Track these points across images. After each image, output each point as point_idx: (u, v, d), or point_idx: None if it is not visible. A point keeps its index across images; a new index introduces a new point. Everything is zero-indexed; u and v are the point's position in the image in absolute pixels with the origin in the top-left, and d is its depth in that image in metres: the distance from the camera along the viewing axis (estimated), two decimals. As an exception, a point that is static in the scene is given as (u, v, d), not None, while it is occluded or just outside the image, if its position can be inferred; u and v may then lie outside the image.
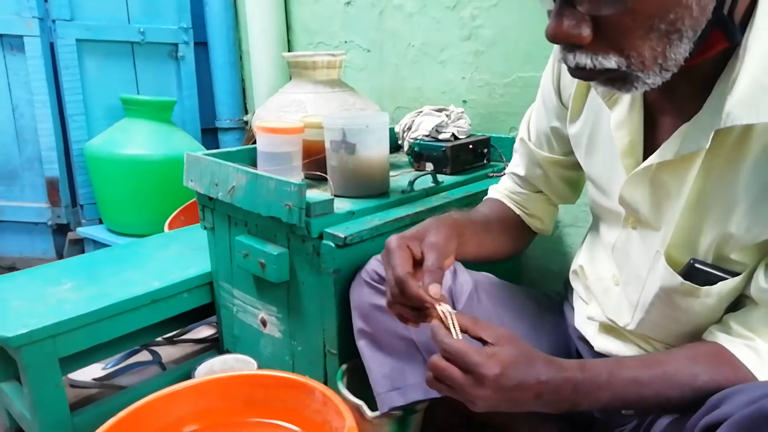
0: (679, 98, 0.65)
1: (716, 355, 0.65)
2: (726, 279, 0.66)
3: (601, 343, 0.84)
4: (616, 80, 0.58)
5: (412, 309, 0.70)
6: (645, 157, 0.70)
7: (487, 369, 0.61)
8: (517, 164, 0.99)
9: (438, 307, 0.67)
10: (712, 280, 0.66)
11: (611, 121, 0.72)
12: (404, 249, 0.72)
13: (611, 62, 0.55)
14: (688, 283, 0.67)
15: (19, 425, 1.13)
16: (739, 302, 0.70)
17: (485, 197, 1.03)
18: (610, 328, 0.83)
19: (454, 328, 0.66)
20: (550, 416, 0.93)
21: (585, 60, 0.56)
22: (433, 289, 0.67)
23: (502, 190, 1.00)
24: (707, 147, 0.61)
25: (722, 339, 0.66)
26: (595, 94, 0.76)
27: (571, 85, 0.82)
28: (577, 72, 0.59)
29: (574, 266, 0.93)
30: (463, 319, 0.68)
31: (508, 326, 0.95)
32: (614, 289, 0.80)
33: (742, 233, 0.63)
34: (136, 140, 1.88)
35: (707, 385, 0.63)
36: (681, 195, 0.66)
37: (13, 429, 1.16)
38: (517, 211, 0.97)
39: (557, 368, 0.64)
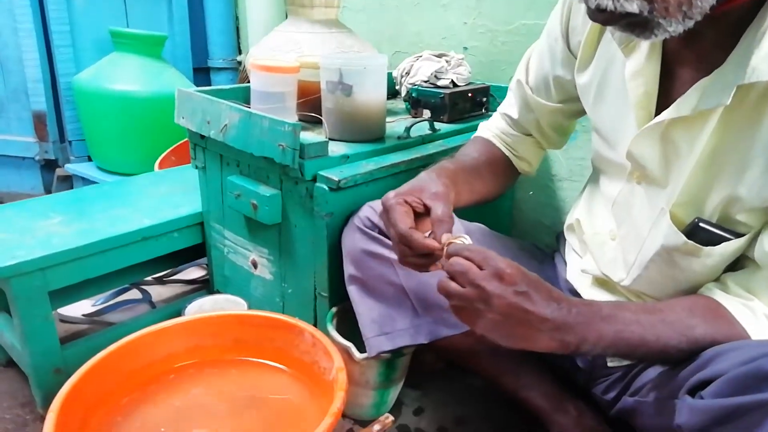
0: (702, 48, 0.62)
1: (713, 309, 0.65)
2: (729, 240, 0.65)
3: (593, 296, 0.84)
4: (636, 26, 0.56)
5: (425, 256, 0.69)
6: (658, 110, 0.68)
7: (504, 265, 0.60)
8: (511, 105, 0.98)
9: (451, 244, 0.66)
10: (715, 241, 0.66)
11: (626, 70, 0.69)
12: (403, 205, 0.72)
13: (633, 6, 0.53)
14: (691, 242, 0.66)
15: (10, 356, 1.14)
16: (737, 263, 0.69)
17: (474, 135, 1.03)
18: (602, 282, 0.83)
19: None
20: (534, 365, 0.95)
21: (606, 1, 0.54)
22: (446, 238, 0.67)
23: (493, 129, 0.99)
24: (728, 103, 0.58)
25: (719, 296, 0.66)
26: (608, 40, 0.74)
27: (581, 30, 0.79)
28: (597, 14, 0.56)
29: (570, 219, 0.93)
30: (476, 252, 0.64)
31: None
32: (610, 243, 0.80)
33: (752, 195, 0.62)
34: (126, 75, 1.83)
35: (703, 337, 0.63)
36: (693, 152, 0.64)
37: (5, 360, 1.17)
38: (506, 153, 0.97)
39: (561, 294, 0.63)
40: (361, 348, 0.93)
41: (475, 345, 0.93)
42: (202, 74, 2.37)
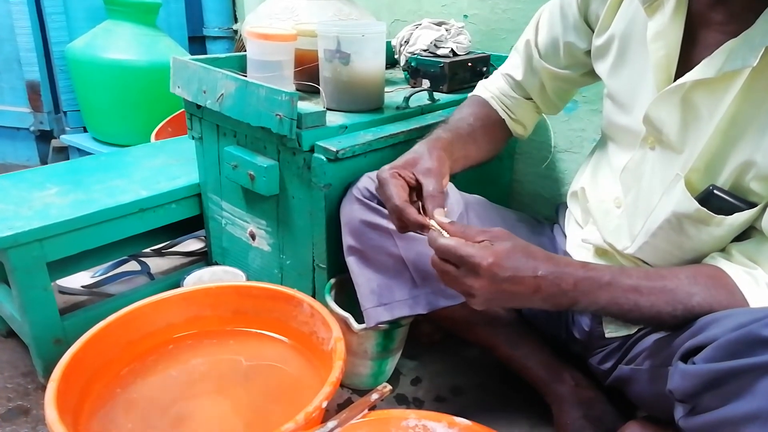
0: (730, 9, 0.60)
1: (714, 277, 0.65)
2: (742, 210, 0.64)
3: None
4: None
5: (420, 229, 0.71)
6: (678, 74, 0.66)
7: (479, 258, 0.61)
8: (515, 66, 0.96)
9: (433, 222, 0.68)
10: (726, 209, 0.65)
11: (648, 31, 0.67)
12: (397, 178, 0.73)
13: None
14: (704, 209, 0.65)
15: (10, 327, 1.15)
16: (743, 235, 0.69)
17: (471, 94, 1.02)
18: (604, 252, 0.83)
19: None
20: (531, 335, 0.96)
21: None
22: (438, 214, 0.68)
23: (492, 89, 0.98)
24: (755, 64, 0.57)
25: (723, 264, 0.66)
26: (629, 1, 0.72)
27: None
28: None
29: (574, 187, 0.92)
30: (458, 227, 0.67)
31: None
32: (615, 211, 0.80)
33: None
34: (120, 44, 1.79)
35: (700, 305, 0.63)
36: (713, 117, 0.63)
37: (5, 331, 1.18)
38: (503, 115, 0.97)
39: (557, 262, 0.64)
40: (359, 319, 0.93)
41: (472, 316, 0.94)
42: (197, 43, 2.33)
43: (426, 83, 1.25)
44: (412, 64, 1.28)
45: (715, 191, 0.65)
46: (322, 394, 0.74)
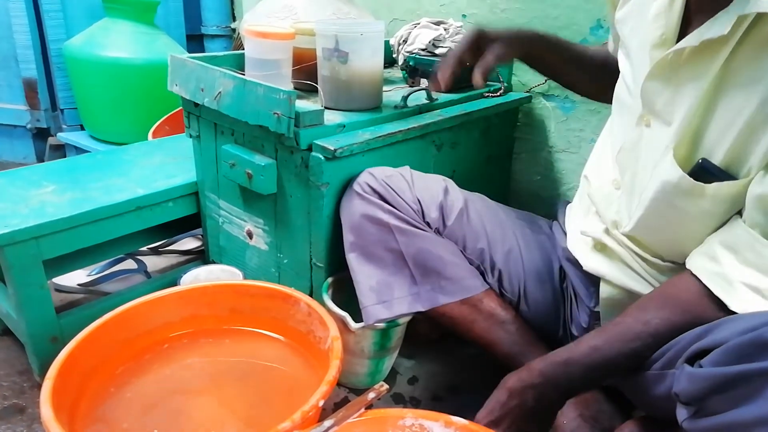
0: None
1: (665, 296, 0.69)
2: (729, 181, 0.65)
3: (591, 262, 0.85)
4: None
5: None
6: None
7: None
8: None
9: None
10: (714, 182, 0.66)
11: (651, 10, 0.71)
12: (474, 38, 0.86)
13: None
14: (688, 177, 0.67)
15: (6, 325, 1.14)
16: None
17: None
18: (602, 246, 0.83)
19: None
20: (529, 335, 0.96)
21: None
22: (476, 77, 0.84)
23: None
24: (726, 33, 0.60)
25: (696, 266, 0.68)
26: None
27: None
28: None
29: (584, 172, 0.93)
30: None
31: (498, 242, 0.96)
32: (615, 193, 0.81)
33: (750, 130, 0.62)
34: (118, 42, 1.79)
35: (661, 326, 0.67)
36: (698, 86, 0.65)
37: (1, 329, 1.17)
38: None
39: (521, 377, 0.75)
40: (357, 318, 0.93)
41: (470, 314, 0.94)
42: (195, 42, 2.33)
43: (424, 82, 1.25)
44: (411, 64, 1.28)
45: (704, 165, 0.67)
46: (319, 393, 0.74)
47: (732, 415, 0.52)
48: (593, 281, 0.87)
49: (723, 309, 0.63)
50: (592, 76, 0.97)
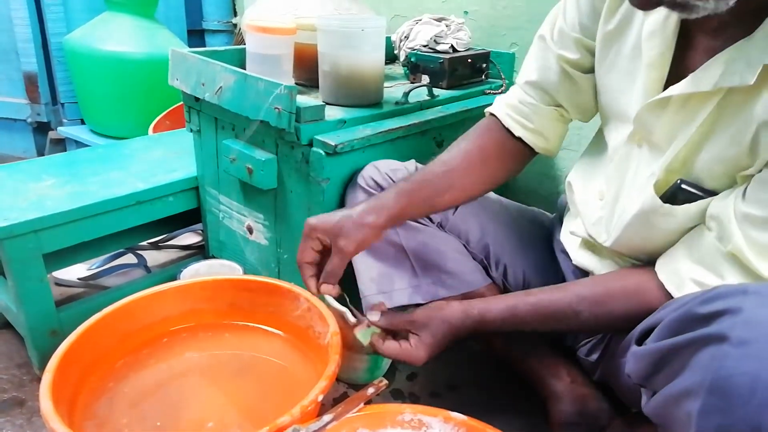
0: (725, 17, 0.58)
1: (600, 296, 0.71)
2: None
3: (580, 257, 0.85)
4: (676, 6, 0.54)
5: None
6: (671, 73, 0.66)
7: (415, 358, 0.76)
8: (530, 70, 0.87)
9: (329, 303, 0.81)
10: (692, 201, 0.65)
11: (644, 28, 0.67)
12: (314, 239, 0.77)
13: None
14: (667, 205, 0.66)
15: (6, 319, 1.14)
16: None
17: (486, 113, 0.93)
18: (590, 244, 0.83)
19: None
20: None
21: None
22: (324, 288, 0.78)
23: (511, 101, 0.89)
24: (752, 83, 0.56)
25: (658, 269, 0.69)
26: None
27: None
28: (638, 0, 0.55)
29: (568, 179, 0.92)
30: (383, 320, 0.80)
31: (501, 236, 0.96)
32: (597, 203, 0.80)
33: (740, 158, 0.61)
34: (119, 36, 1.78)
35: (589, 320, 0.72)
36: (696, 121, 0.63)
37: (1, 322, 1.17)
38: (518, 131, 0.87)
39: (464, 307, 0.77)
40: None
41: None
42: (196, 36, 2.32)
43: (425, 79, 1.25)
44: (412, 60, 1.27)
45: (682, 185, 0.66)
46: (318, 388, 0.74)
47: (668, 390, 0.53)
48: (584, 273, 0.87)
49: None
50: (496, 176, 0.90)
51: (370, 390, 0.78)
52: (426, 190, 0.81)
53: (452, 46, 1.27)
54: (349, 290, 0.94)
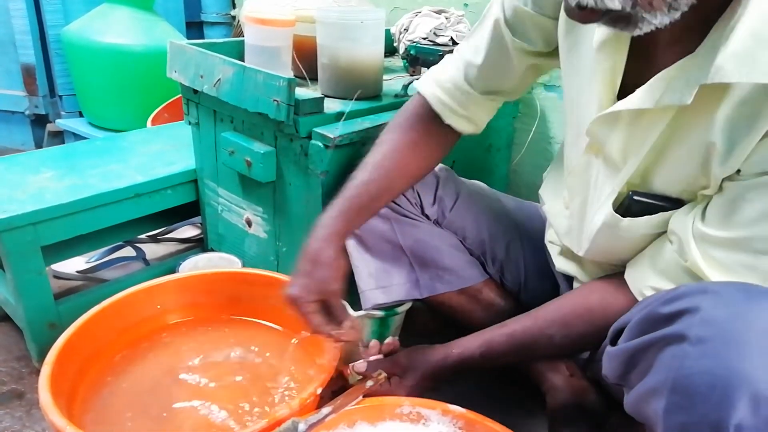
0: (676, 30, 0.56)
1: (574, 312, 0.73)
2: (666, 209, 0.64)
3: (561, 264, 0.85)
4: (619, 20, 0.51)
5: None
6: (624, 85, 0.64)
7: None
8: (476, 49, 0.81)
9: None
10: (651, 211, 0.65)
11: (594, 38, 0.64)
12: (311, 304, 0.75)
13: (615, 2, 0.48)
14: (627, 219, 0.66)
15: (5, 311, 1.14)
16: None
17: (414, 92, 0.88)
18: (569, 252, 0.83)
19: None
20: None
21: None
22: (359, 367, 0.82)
23: (444, 83, 0.83)
24: (689, 103, 0.55)
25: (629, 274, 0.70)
26: None
27: None
28: (576, 11, 0.51)
29: (539, 191, 0.91)
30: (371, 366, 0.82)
31: (498, 233, 0.96)
32: (565, 212, 0.79)
33: (698, 174, 0.60)
34: (117, 28, 1.77)
35: (563, 342, 0.73)
36: (650, 137, 0.62)
37: (0, 315, 1.18)
38: (449, 118, 0.84)
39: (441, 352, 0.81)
40: (356, 307, 0.93)
41: (469, 303, 0.94)
42: (194, 29, 2.31)
43: (425, 71, 1.25)
44: (411, 52, 1.27)
45: (634, 197, 0.66)
46: (316, 381, 0.74)
47: (638, 388, 0.53)
48: (570, 277, 0.87)
49: None
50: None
51: (369, 383, 0.79)
52: (364, 199, 0.81)
53: (452, 38, 1.26)
54: (348, 287, 0.94)
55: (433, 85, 0.84)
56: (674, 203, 0.64)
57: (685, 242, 0.60)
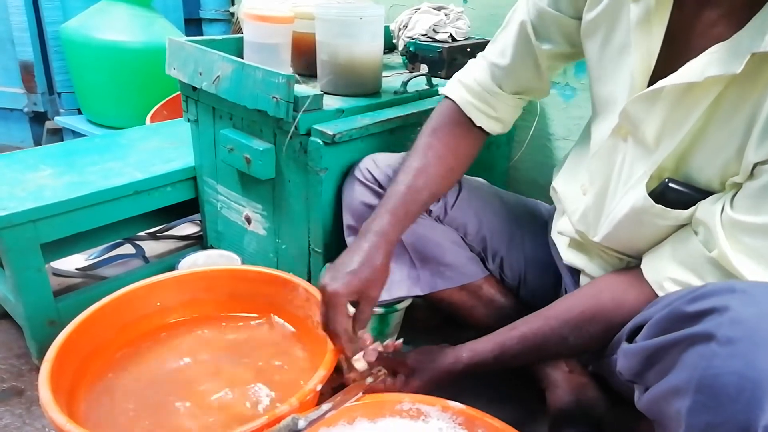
0: (714, 16, 0.57)
1: (590, 313, 0.72)
2: (698, 200, 0.63)
3: (569, 257, 0.84)
4: None
5: None
6: (659, 67, 0.64)
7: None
8: (501, 52, 0.83)
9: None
10: (683, 201, 0.64)
11: (632, 15, 0.64)
12: (342, 305, 0.73)
13: None
14: (660, 206, 0.65)
15: (4, 309, 1.14)
16: None
17: (442, 99, 0.90)
18: (578, 244, 0.82)
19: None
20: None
21: None
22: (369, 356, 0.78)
23: (472, 86, 0.85)
24: (738, 72, 0.54)
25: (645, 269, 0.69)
26: None
27: None
28: None
29: (552, 184, 0.91)
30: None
31: (499, 229, 0.96)
32: (581, 198, 0.78)
33: (738, 159, 0.59)
34: (115, 25, 1.77)
35: (576, 342, 0.72)
36: (690, 118, 0.61)
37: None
38: (480, 120, 0.86)
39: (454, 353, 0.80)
40: (355, 303, 0.93)
41: (470, 299, 0.94)
42: (193, 26, 2.31)
43: (424, 68, 1.25)
44: (411, 49, 1.27)
45: (670, 184, 0.64)
46: (316, 378, 0.74)
47: (658, 387, 0.53)
48: (576, 271, 0.87)
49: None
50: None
51: (369, 379, 0.79)
52: (412, 206, 0.81)
53: (451, 35, 1.26)
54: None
55: (461, 89, 0.87)
56: (708, 195, 0.63)
57: (713, 231, 0.59)
